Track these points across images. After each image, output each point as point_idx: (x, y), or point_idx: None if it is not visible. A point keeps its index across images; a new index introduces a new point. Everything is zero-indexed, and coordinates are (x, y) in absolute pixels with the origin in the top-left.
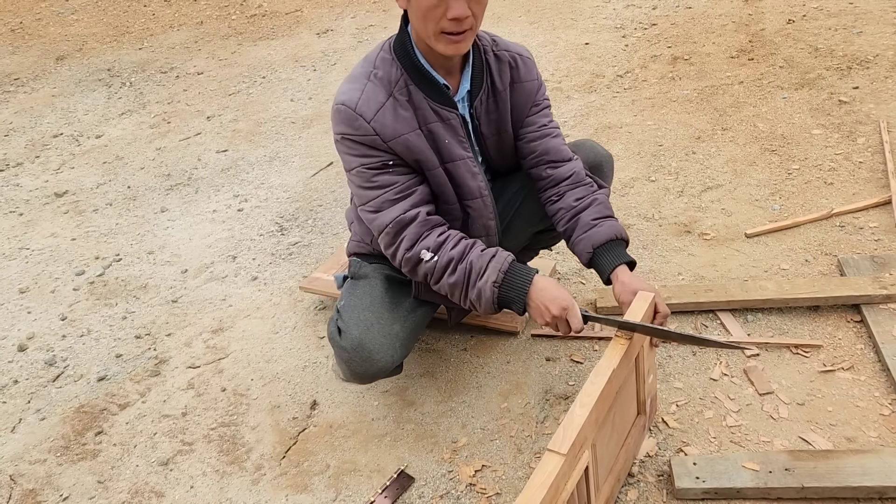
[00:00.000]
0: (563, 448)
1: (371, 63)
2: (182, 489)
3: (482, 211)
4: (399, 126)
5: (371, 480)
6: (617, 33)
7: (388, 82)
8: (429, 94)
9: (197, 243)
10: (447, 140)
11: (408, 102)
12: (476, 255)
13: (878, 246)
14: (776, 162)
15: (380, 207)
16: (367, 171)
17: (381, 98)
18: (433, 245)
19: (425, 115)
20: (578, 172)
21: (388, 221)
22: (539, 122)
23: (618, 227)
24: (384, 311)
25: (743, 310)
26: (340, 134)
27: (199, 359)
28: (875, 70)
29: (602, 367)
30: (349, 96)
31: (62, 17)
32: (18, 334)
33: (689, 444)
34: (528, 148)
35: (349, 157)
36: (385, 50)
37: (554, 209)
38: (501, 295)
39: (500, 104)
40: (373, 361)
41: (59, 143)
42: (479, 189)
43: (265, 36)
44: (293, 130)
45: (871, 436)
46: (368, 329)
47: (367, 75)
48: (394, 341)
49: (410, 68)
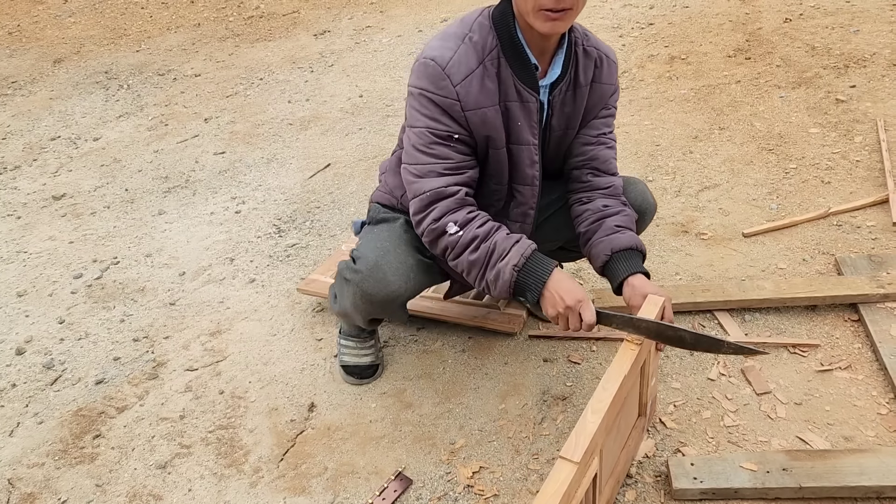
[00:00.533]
0: (577, 456)
1: (468, 26)
2: (180, 492)
3: (528, 198)
4: (482, 98)
5: (369, 482)
6: (614, 33)
7: (483, 48)
8: (517, 71)
9: (194, 246)
10: (520, 122)
11: (496, 74)
12: (501, 238)
13: (876, 245)
14: (773, 161)
15: (425, 174)
16: (430, 136)
17: (473, 64)
18: (461, 220)
19: (507, 91)
20: (616, 187)
21: (428, 189)
22: (601, 128)
23: (638, 240)
24: (402, 244)
25: (740, 309)
26: (420, 89)
27: (197, 361)
28: (872, 68)
29: (613, 373)
30: (441, 53)
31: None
32: (16, 338)
33: (686, 445)
34: (580, 150)
35: (418, 115)
36: (484, 16)
37: (580, 209)
38: (519, 280)
39: (578, 99)
40: (388, 283)
41: (56, 145)
42: (534, 178)
43: (262, 38)
44: (291, 132)
45: (869, 435)
46: (385, 254)
47: (462, 37)
48: (409, 270)
49: (506, 40)
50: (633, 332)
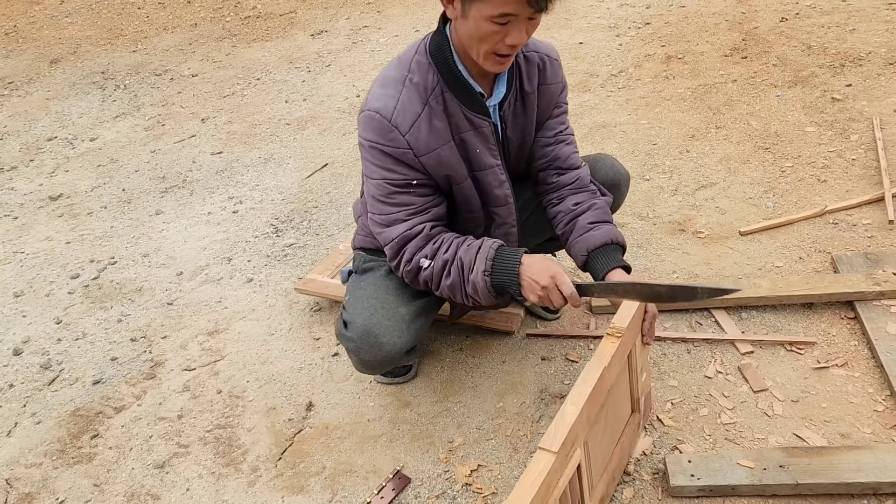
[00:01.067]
0: (554, 446)
1: (406, 66)
2: (178, 491)
3: (506, 218)
4: (433, 140)
5: (367, 481)
6: (611, 32)
7: (425, 88)
8: (464, 101)
9: (192, 245)
10: (478, 150)
11: (443, 112)
12: (464, 251)
13: (872, 243)
14: (770, 160)
15: (391, 223)
16: (388, 187)
17: (417, 108)
18: (430, 253)
19: (458, 123)
20: (583, 178)
21: (395, 237)
22: (556, 128)
23: (614, 232)
24: (388, 296)
25: (737, 307)
26: (370, 141)
27: (195, 361)
28: (868, 67)
29: (593, 366)
30: (384, 104)
31: (56, 21)
32: (13, 338)
33: (684, 442)
34: (541, 152)
35: (372, 167)
36: (421, 53)
37: (553, 212)
38: (494, 282)
39: (528, 107)
40: (381, 346)
41: (53, 146)
42: (506, 197)
43: (259, 38)
44: (288, 132)
45: (865, 432)
46: (372, 314)
47: (403, 80)
48: (400, 323)
49: (447, 74)
50: (612, 296)
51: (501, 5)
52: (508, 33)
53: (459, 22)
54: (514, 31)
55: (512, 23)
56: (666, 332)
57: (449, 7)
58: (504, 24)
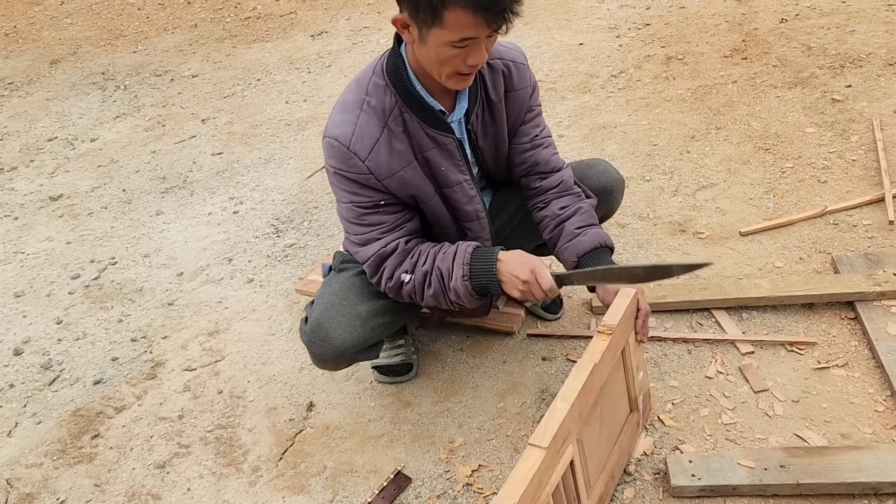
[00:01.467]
0: (545, 441)
1: (363, 89)
2: (179, 492)
3: (479, 232)
4: (394, 163)
5: (368, 481)
6: (611, 33)
7: (383, 111)
8: (424, 119)
9: (192, 246)
10: (443, 167)
11: (403, 133)
12: (441, 259)
13: (872, 243)
14: (770, 160)
15: (366, 242)
16: (358, 209)
17: (375, 133)
18: (409, 266)
19: (420, 143)
20: (566, 181)
21: (371, 255)
22: (531, 133)
23: (601, 235)
24: (350, 293)
25: (738, 308)
26: (334, 168)
27: (196, 361)
28: (868, 68)
29: (583, 362)
30: (342, 130)
31: (56, 21)
32: (14, 338)
33: (684, 442)
34: (520, 159)
35: (340, 191)
36: (377, 74)
37: (539, 217)
38: (475, 285)
39: (497, 116)
40: (330, 340)
41: (53, 146)
42: (476, 212)
43: (259, 38)
44: (288, 133)
45: (866, 432)
46: (327, 309)
47: (360, 104)
48: (354, 320)
49: (405, 95)
50: (591, 282)
51: (460, 31)
52: (469, 54)
53: (417, 46)
54: (474, 51)
55: (471, 44)
56: (666, 332)
57: (405, 32)
58: (463, 46)
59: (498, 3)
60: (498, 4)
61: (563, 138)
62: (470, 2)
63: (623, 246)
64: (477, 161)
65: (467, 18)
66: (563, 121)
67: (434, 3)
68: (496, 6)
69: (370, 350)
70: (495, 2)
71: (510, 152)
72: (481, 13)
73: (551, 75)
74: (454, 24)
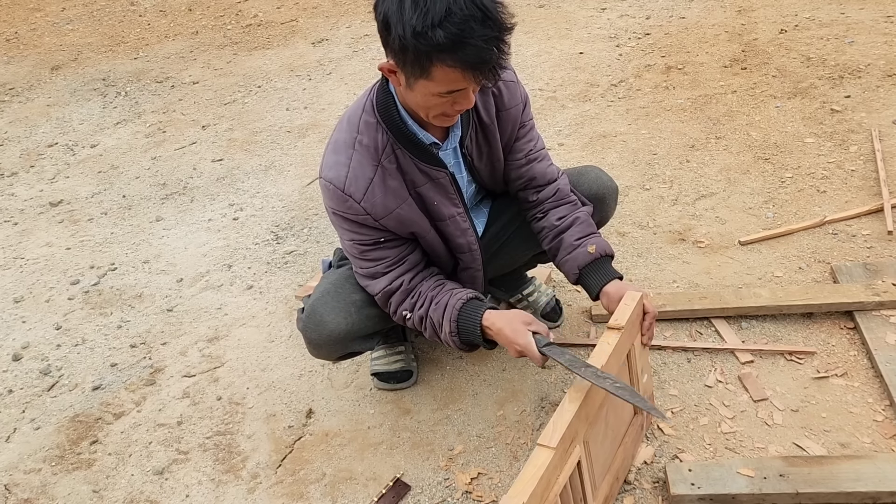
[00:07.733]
0: (553, 442)
1: (355, 127)
2: (177, 498)
3: (470, 263)
4: (389, 201)
5: (367, 489)
6: (611, 43)
7: (375, 150)
8: (416, 155)
9: (192, 252)
10: (436, 202)
11: (396, 170)
12: (433, 310)
13: (871, 253)
14: (769, 170)
15: (372, 276)
16: (360, 246)
17: (369, 173)
18: (409, 306)
19: (414, 178)
20: (562, 189)
21: (378, 291)
22: (524, 148)
23: (601, 244)
24: (348, 283)
25: (737, 317)
26: (331, 209)
27: (195, 367)
28: (866, 79)
29: (591, 363)
30: (336, 173)
31: (57, 28)
32: (13, 344)
33: (684, 451)
34: (516, 174)
35: (341, 230)
36: (368, 112)
37: (538, 227)
38: (464, 342)
39: (490, 137)
40: (324, 324)
41: (53, 152)
42: (469, 244)
43: (260, 45)
44: (288, 140)
45: (865, 442)
46: (323, 296)
47: (352, 143)
48: (348, 306)
49: (397, 133)
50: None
51: (448, 84)
52: (456, 101)
53: (404, 90)
54: (462, 99)
55: (459, 93)
56: (666, 341)
57: (392, 76)
58: (450, 95)
59: (486, 62)
60: (486, 63)
61: (564, 147)
62: (458, 60)
63: (623, 255)
64: (474, 178)
65: (455, 74)
66: (564, 129)
67: (421, 59)
68: (484, 64)
69: (365, 340)
70: (483, 60)
71: (506, 168)
72: (469, 71)
73: (552, 84)
74: (442, 78)
